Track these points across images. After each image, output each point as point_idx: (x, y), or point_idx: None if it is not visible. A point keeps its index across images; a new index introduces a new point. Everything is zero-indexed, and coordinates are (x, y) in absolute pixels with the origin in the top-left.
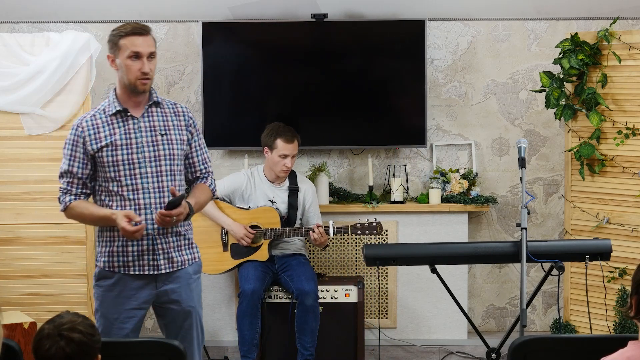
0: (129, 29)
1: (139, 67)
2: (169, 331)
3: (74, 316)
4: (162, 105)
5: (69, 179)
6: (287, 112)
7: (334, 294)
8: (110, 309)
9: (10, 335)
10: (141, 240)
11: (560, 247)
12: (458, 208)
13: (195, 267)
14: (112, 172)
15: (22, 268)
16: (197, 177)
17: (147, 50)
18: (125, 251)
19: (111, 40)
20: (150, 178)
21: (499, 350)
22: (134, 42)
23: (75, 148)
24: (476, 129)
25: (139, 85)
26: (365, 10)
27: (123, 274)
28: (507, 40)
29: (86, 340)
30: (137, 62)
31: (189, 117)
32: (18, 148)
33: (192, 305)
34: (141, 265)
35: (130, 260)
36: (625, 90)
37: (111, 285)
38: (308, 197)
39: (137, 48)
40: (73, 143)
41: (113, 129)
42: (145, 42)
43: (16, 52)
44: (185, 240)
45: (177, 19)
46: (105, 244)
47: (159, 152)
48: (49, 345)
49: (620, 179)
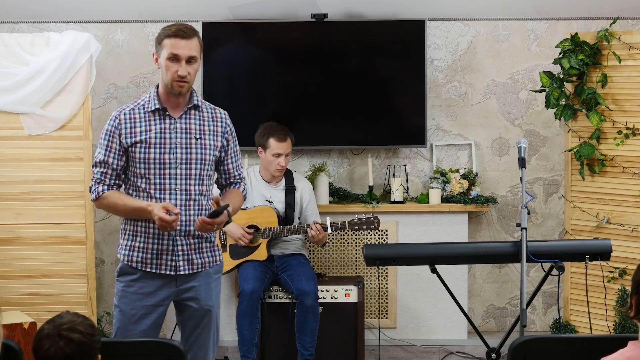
0: (173, 30)
1: (176, 69)
2: (186, 328)
3: (73, 316)
4: (201, 109)
5: (104, 169)
6: (287, 112)
7: (334, 294)
8: (129, 304)
9: (10, 335)
10: (161, 239)
11: (560, 247)
12: (458, 208)
13: (217, 268)
14: (142, 168)
15: (22, 268)
16: (230, 183)
17: (186, 54)
18: (146, 248)
19: (157, 39)
20: (178, 180)
21: (499, 350)
22: (175, 44)
23: (111, 139)
24: (476, 129)
25: (175, 87)
26: (365, 10)
27: (143, 270)
28: (507, 40)
29: (86, 340)
30: (175, 64)
31: (226, 124)
32: (18, 148)
33: (210, 304)
34: (159, 264)
35: (149, 258)
36: (625, 90)
37: (131, 281)
38: (305, 196)
39: (176, 50)
40: (110, 133)
41: (149, 125)
42: (187, 45)
43: (16, 52)
44: (207, 243)
45: (177, 19)
46: (127, 237)
47: (191, 155)
48: (48, 345)
49: (620, 179)
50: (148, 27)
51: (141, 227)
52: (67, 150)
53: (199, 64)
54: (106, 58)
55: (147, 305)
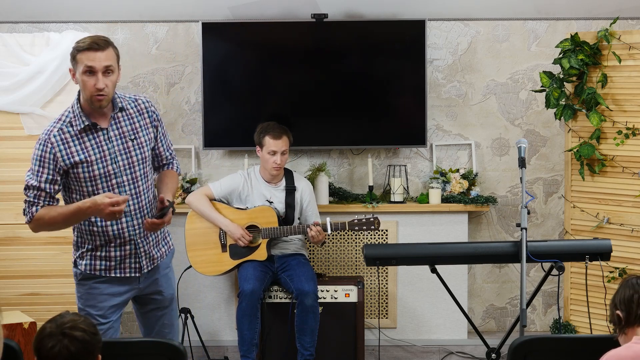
0: (87, 43)
1: (93, 83)
2: (150, 317)
3: (75, 316)
4: (126, 109)
5: (37, 192)
6: (287, 112)
7: (334, 294)
8: (94, 305)
9: (10, 335)
10: (124, 245)
11: (560, 247)
12: (458, 208)
13: (170, 255)
14: (89, 186)
15: (22, 268)
16: (164, 165)
17: (102, 65)
18: (108, 256)
19: (71, 54)
20: (127, 186)
21: (499, 350)
22: (89, 56)
23: (44, 164)
24: (476, 129)
25: (95, 102)
26: (365, 10)
27: (107, 276)
28: (507, 40)
29: (89, 338)
30: (91, 77)
31: (152, 112)
32: (18, 148)
33: (172, 292)
34: (123, 269)
35: (113, 265)
36: (625, 90)
37: (95, 283)
38: (305, 196)
39: (91, 62)
40: (41, 159)
41: (84, 143)
42: (102, 56)
43: (16, 52)
44: (161, 235)
45: (177, 19)
46: (86, 248)
47: (131, 158)
48: (52, 344)
49: (620, 179)
50: (148, 27)
51: (100, 238)
52: None
53: (117, 74)
54: None
55: (112, 305)
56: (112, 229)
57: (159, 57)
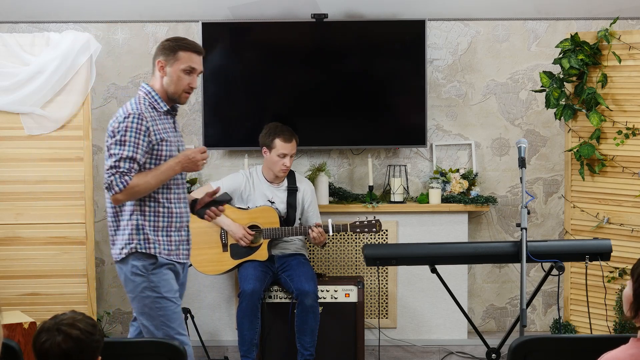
0: (192, 45)
1: (188, 81)
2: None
3: (76, 314)
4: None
5: (131, 164)
6: (287, 112)
7: (334, 294)
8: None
9: (10, 335)
10: (180, 230)
11: (560, 247)
12: (458, 208)
13: None
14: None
15: (22, 268)
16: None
17: (200, 68)
18: (169, 240)
19: (168, 48)
20: (183, 174)
21: (499, 350)
22: (192, 58)
23: (139, 135)
24: (476, 129)
25: (183, 98)
26: (365, 10)
27: (171, 262)
28: (507, 40)
29: (84, 338)
30: (189, 76)
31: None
32: (18, 148)
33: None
34: (178, 254)
35: (174, 249)
36: (625, 90)
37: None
38: (307, 197)
39: (194, 64)
40: (137, 131)
41: (163, 124)
42: (201, 61)
43: (16, 52)
44: None
45: (177, 19)
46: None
47: (179, 151)
48: (45, 339)
49: (620, 179)
50: (148, 27)
51: (164, 218)
52: (67, 150)
53: None
54: (106, 58)
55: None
56: (176, 211)
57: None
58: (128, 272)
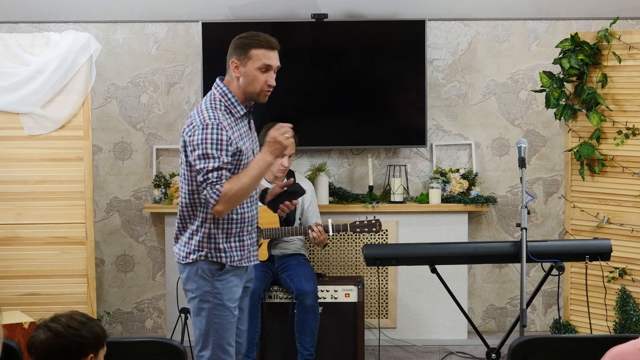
0: (264, 41)
1: (265, 79)
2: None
3: (74, 312)
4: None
5: (219, 173)
6: (287, 112)
7: (334, 294)
8: (233, 297)
9: (10, 335)
10: (251, 233)
11: (560, 247)
12: (458, 208)
13: None
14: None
15: (22, 268)
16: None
17: (276, 64)
18: (242, 245)
19: (241, 47)
20: None
21: (499, 350)
22: (267, 54)
23: (221, 145)
24: (476, 129)
25: (262, 97)
26: (365, 10)
27: (237, 267)
28: (507, 40)
29: (64, 332)
30: (265, 74)
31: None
32: (18, 148)
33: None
34: (249, 257)
35: (245, 254)
36: (625, 90)
37: (230, 276)
38: (307, 197)
39: (269, 61)
40: (219, 141)
41: (239, 130)
42: (276, 56)
43: (16, 52)
44: None
45: (177, 19)
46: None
47: (254, 154)
48: (32, 334)
49: (620, 179)
50: (148, 27)
51: (237, 225)
52: (67, 150)
53: None
54: (106, 58)
55: (237, 298)
56: (249, 215)
57: (159, 57)
58: (192, 273)
